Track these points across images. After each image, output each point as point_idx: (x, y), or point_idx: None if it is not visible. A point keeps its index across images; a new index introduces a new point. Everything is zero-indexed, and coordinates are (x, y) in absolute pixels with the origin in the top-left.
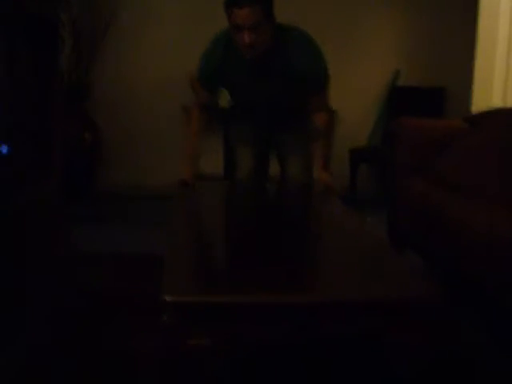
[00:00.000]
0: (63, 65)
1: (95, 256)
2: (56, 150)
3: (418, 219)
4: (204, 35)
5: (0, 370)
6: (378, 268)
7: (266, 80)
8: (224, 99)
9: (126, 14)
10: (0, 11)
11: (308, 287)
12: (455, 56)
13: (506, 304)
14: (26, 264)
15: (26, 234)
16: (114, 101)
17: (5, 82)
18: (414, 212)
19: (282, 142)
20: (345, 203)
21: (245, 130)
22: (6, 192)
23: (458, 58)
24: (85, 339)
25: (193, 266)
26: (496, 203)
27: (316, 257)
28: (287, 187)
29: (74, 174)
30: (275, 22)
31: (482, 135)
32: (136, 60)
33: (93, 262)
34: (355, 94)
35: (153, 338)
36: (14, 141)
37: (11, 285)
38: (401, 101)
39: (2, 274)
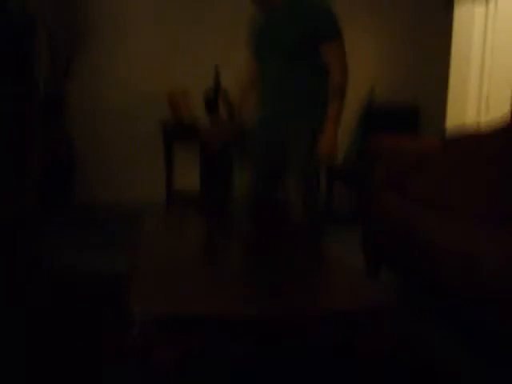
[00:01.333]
0: (39, 78)
1: (65, 272)
2: (31, 162)
3: (392, 234)
4: (182, 49)
5: None
6: (338, 282)
7: (279, 30)
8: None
9: (103, 27)
10: None
11: (272, 300)
12: (429, 75)
13: (481, 318)
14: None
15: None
16: (90, 114)
17: None
18: (388, 227)
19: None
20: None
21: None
22: None
23: (432, 77)
24: (54, 354)
25: (161, 280)
26: (467, 219)
27: (278, 273)
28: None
29: (48, 188)
30: None
31: (456, 154)
32: (113, 74)
33: (62, 278)
34: None
35: (123, 351)
36: None
37: None
38: (375, 119)
39: None
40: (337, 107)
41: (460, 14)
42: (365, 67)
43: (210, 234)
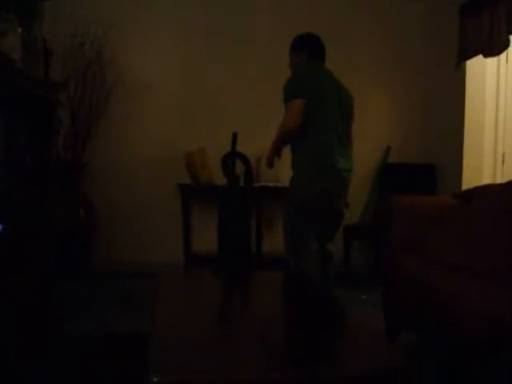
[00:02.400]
0: (60, 144)
1: (83, 336)
2: (48, 228)
3: (412, 296)
4: (197, 115)
5: None
6: (356, 345)
7: None
8: None
9: (122, 91)
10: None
11: (288, 365)
12: (446, 133)
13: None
14: (13, 346)
15: (13, 314)
16: (109, 177)
17: (2, 162)
18: (408, 290)
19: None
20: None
21: None
22: None
23: (448, 134)
24: None
25: (179, 346)
26: (486, 279)
27: (293, 336)
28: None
29: (68, 253)
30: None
31: (472, 210)
32: (131, 138)
33: (81, 343)
34: None
35: None
36: (8, 219)
37: None
38: (392, 177)
39: None
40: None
41: (472, 68)
42: (380, 128)
43: (227, 297)
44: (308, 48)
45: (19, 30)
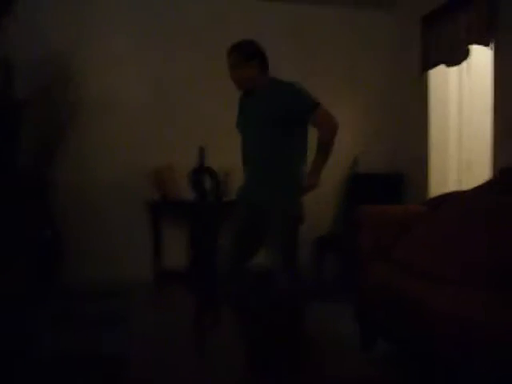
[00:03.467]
0: (23, 160)
1: (55, 356)
2: (13, 247)
3: (382, 305)
4: (164, 130)
5: None
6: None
7: (257, 111)
8: None
9: (90, 106)
10: None
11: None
12: (412, 142)
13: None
14: None
15: None
16: (76, 196)
17: None
18: (378, 298)
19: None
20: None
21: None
22: None
23: (415, 144)
24: None
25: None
26: (456, 284)
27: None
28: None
29: (34, 270)
30: (256, 68)
31: (440, 218)
32: (98, 155)
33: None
34: None
35: None
36: None
37: None
38: (360, 187)
39: None
40: (318, 160)
41: (435, 77)
42: (347, 139)
43: (198, 314)
44: (259, 55)
45: None
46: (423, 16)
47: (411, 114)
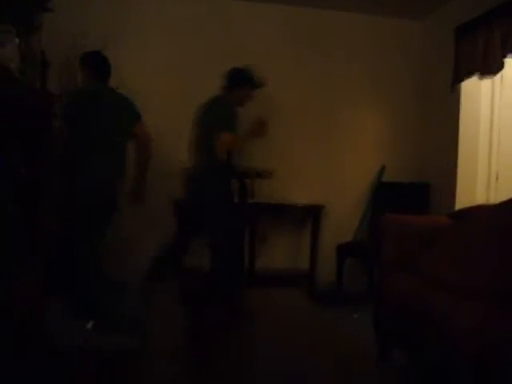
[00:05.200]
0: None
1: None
2: (39, 244)
3: (403, 316)
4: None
5: None
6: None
7: None
8: None
9: None
10: None
11: None
12: (440, 152)
13: None
14: None
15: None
16: None
17: None
18: (399, 309)
19: None
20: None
21: None
22: None
23: (444, 154)
24: None
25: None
26: (480, 299)
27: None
28: None
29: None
30: None
31: (465, 230)
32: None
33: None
34: (341, 189)
35: None
36: None
37: None
38: (386, 196)
39: None
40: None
41: (466, 88)
42: (375, 147)
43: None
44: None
45: (17, 40)
46: (457, 26)
47: (441, 124)
